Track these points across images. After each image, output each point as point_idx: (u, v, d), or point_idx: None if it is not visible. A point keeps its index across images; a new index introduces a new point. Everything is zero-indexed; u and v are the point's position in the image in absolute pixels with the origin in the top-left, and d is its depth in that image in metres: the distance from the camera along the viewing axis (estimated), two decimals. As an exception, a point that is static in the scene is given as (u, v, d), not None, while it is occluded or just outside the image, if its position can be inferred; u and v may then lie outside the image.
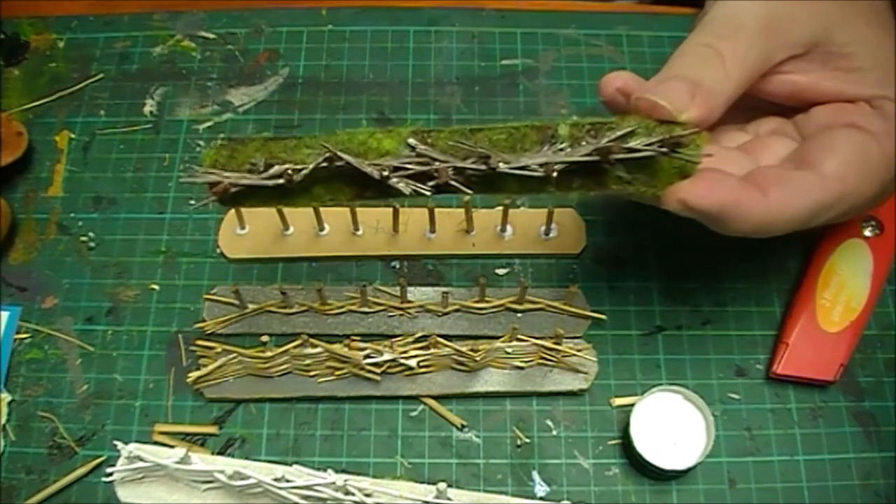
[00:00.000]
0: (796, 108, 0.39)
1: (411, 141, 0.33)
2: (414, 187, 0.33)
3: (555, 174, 0.32)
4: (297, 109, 0.54)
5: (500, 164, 0.32)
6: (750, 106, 0.40)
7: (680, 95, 0.34)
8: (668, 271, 0.48)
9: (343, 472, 0.37)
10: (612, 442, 0.44)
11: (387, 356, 0.44)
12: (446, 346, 0.44)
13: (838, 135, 0.36)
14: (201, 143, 0.53)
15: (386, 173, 0.33)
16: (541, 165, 0.32)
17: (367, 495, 0.36)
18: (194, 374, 0.44)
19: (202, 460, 0.36)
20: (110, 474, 0.37)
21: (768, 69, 0.37)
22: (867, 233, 0.47)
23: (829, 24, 0.36)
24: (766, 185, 0.34)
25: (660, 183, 0.34)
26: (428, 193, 0.33)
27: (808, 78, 0.37)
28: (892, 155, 0.35)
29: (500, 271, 0.49)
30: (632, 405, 0.43)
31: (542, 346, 0.44)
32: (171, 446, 0.37)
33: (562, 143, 0.33)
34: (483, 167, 0.33)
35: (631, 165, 0.33)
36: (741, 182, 0.34)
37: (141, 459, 0.36)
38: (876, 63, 0.36)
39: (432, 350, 0.44)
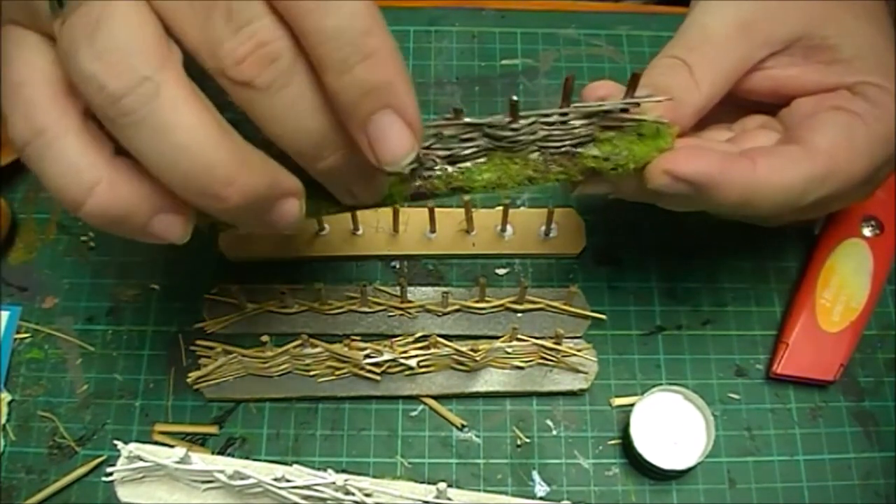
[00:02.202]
0: (781, 106, 0.39)
1: None
2: None
3: (521, 122, 0.33)
4: (297, 109, 0.54)
5: (467, 119, 0.33)
6: (736, 105, 0.40)
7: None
8: (668, 271, 0.48)
9: (343, 471, 0.37)
10: (612, 442, 0.44)
11: (387, 356, 0.44)
12: (446, 346, 0.44)
13: (824, 116, 0.36)
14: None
15: None
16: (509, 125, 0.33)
17: (367, 495, 0.36)
18: (194, 374, 0.44)
19: (202, 460, 0.36)
20: (110, 474, 0.37)
21: (749, 68, 0.37)
22: (867, 233, 0.47)
23: (811, 21, 0.36)
24: (755, 156, 0.34)
25: (637, 158, 0.34)
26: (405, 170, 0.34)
27: (789, 73, 0.37)
28: (880, 136, 0.35)
29: (500, 271, 0.49)
30: (632, 405, 0.43)
31: (542, 346, 0.44)
32: (171, 446, 0.37)
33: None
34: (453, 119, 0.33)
35: (605, 143, 0.34)
36: (727, 152, 0.34)
37: (141, 459, 0.36)
38: (859, 53, 0.36)
39: (432, 350, 0.44)
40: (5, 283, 0.48)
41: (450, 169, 0.35)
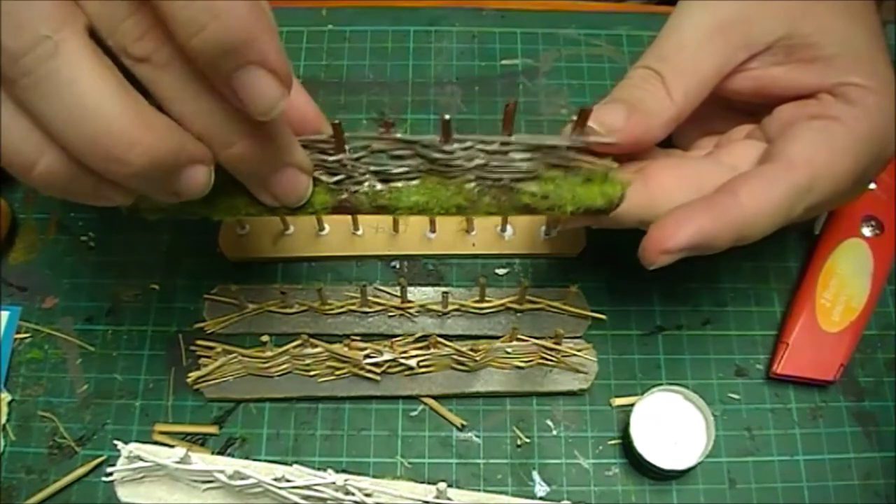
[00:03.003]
0: (772, 106, 0.39)
1: None
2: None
3: (456, 146, 0.32)
4: (297, 109, 0.54)
5: (398, 134, 0.33)
6: (726, 107, 0.40)
7: (614, 116, 0.34)
8: (668, 271, 0.48)
9: (343, 471, 0.37)
10: (612, 442, 0.44)
11: (387, 356, 0.44)
12: (446, 345, 0.44)
13: (800, 125, 0.36)
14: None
15: None
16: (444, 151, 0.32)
17: (367, 495, 0.36)
18: (194, 374, 0.44)
19: (202, 460, 0.36)
20: (110, 474, 0.37)
21: (731, 70, 0.37)
22: (867, 233, 0.47)
23: (792, 21, 0.36)
24: (734, 187, 0.34)
25: (578, 201, 0.33)
26: (328, 179, 0.34)
27: (771, 73, 0.37)
28: (863, 135, 0.35)
29: (500, 271, 0.49)
30: (632, 405, 0.43)
31: (542, 346, 0.44)
32: (171, 446, 0.37)
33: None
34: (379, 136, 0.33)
35: (547, 182, 0.33)
36: (705, 198, 0.34)
37: (141, 459, 0.36)
38: (841, 51, 0.36)
39: (432, 350, 0.44)
40: (5, 283, 0.48)
41: (378, 186, 0.34)
